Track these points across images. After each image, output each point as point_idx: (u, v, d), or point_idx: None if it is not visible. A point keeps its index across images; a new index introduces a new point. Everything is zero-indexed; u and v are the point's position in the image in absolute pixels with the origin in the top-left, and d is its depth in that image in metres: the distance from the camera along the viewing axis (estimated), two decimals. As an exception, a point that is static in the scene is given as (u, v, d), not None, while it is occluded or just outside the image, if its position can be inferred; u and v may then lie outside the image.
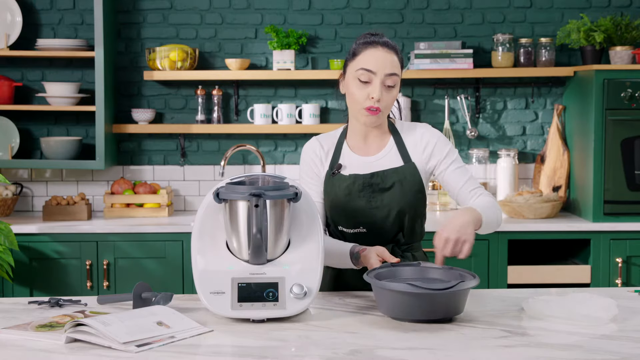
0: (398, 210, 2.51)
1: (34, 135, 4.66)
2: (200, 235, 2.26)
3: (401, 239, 2.56)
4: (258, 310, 2.14)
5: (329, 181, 2.57)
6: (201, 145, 4.68)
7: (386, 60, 2.46)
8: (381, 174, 2.53)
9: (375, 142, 2.59)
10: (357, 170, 2.55)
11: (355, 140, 2.59)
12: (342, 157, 2.59)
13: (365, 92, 2.46)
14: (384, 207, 2.52)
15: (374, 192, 2.52)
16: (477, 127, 4.66)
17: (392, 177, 2.52)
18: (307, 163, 2.62)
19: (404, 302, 2.11)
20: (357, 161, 2.57)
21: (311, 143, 2.63)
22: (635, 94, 4.10)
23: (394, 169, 2.53)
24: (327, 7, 4.63)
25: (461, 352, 1.90)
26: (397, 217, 2.52)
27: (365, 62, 2.46)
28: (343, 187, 2.53)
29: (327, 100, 4.66)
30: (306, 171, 2.62)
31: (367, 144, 2.59)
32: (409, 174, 2.53)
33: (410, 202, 2.51)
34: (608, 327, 2.10)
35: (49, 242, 4.12)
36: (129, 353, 1.90)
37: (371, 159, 2.57)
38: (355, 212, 2.52)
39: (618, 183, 4.14)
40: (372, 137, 2.58)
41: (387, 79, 2.46)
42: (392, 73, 2.46)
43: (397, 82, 2.49)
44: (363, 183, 2.52)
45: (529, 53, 4.50)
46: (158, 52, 4.47)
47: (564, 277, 4.11)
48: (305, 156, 2.63)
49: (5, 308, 2.33)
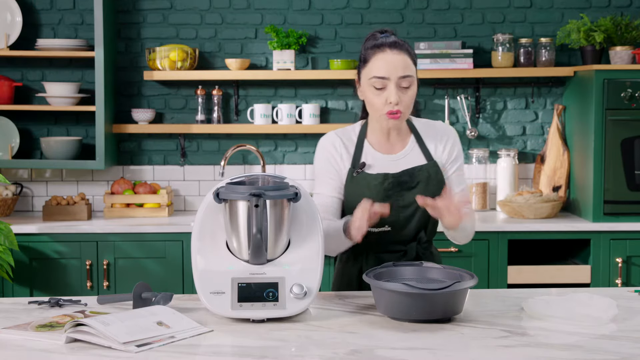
0: (424, 209, 2.49)
1: (34, 135, 4.66)
2: (200, 235, 2.26)
3: (423, 237, 2.55)
4: (258, 310, 2.14)
5: (352, 179, 2.55)
6: (201, 145, 4.68)
7: (397, 63, 2.45)
8: (409, 172, 2.52)
9: (398, 139, 2.58)
10: (383, 169, 2.53)
11: (377, 137, 2.58)
12: (364, 155, 2.56)
13: (383, 98, 2.45)
14: (411, 206, 2.51)
15: (402, 190, 2.51)
16: (477, 127, 4.66)
17: (419, 175, 2.52)
18: (325, 158, 2.58)
19: (400, 302, 2.12)
20: (381, 159, 2.55)
21: (330, 137, 2.59)
22: (635, 94, 4.10)
23: (420, 167, 2.53)
24: (327, 7, 4.63)
25: (461, 352, 1.90)
26: (422, 215, 2.52)
27: (376, 69, 2.45)
28: (371, 185, 2.51)
29: (327, 100, 4.66)
30: (324, 166, 2.58)
31: (390, 142, 2.58)
32: (433, 171, 2.54)
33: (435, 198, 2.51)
34: (608, 327, 2.10)
35: (49, 242, 4.12)
36: (129, 353, 1.90)
37: (395, 157, 2.56)
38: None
39: (618, 183, 4.14)
40: (394, 134, 2.58)
41: (402, 81, 2.45)
42: (405, 75, 2.45)
43: (413, 81, 2.48)
44: (393, 182, 2.51)
45: (529, 53, 4.50)
46: (158, 52, 4.47)
47: (564, 277, 4.11)
48: (324, 150, 2.59)
49: (5, 308, 2.33)
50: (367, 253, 2.57)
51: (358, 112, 4.59)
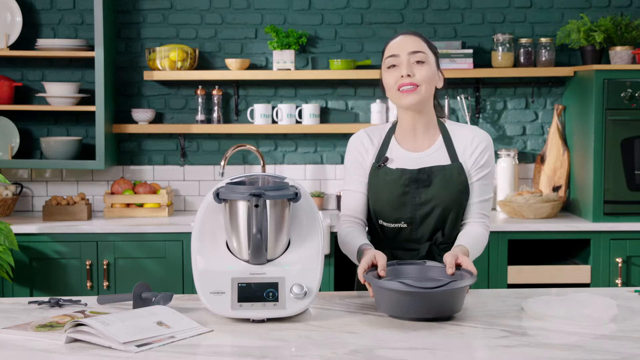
0: (443, 208, 2.49)
1: (34, 135, 4.66)
2: (200, 235, 2.26)
3: (439, 237, 2.53)
4: (258, 310, 2.14)
5: (374, 173, 2.56)
6: (201, 145, 4.68)
7: (408, 41, 2.50)
8: (428, 170, 2.51)
9: (425, 138, 2.57)
10: (404, 165, 2.53)
11: (404, 135, 2.59)
12: (389, 151, 2.57)
13: (396, 75, 2.49)
14: (428, 204, 2.50)
15: (419, 187, 2.51)
16: (477, 127, 4.65)
17: (439, 174, 2.51)
18: (352, 153, 2.62)
19: (398, 300, 2.12)
20: (404, 156, 2.56)
21: (359, 134, 2.64)
22: (635, 94, 4.10)
23: (441, 167, 2.52)
24: (327, 7, 4.63)
25: (461, 352, 1.90)
26: (440, 215, 2.51)
27: (390, 50, 2.52)
28: (389, 180, 2.52)
29: (327, 100, 4.65)
30: (351, 161, 2.61)
31: (416, 140, 2.57)
32: (455, 172, 2.52)
33: (455, 201, 2.49)
34: (608, 327, 2.10)
35: (49, 242, 4.12)
36: (129, 353, 1.89)
37: (419, 155, 2.55)
38: (398, 206, 2.50)
39: (618, 183, 4.14)
40: (421, 132, 2.57)
41: (413, 56, 2.48)
42: (415, 50, 2.49)
43: (427, 59, 2.50)
44: (410, 178, 2.51)
45: (529, 53, 4.50)
46: (158, 52, 4.47)
47: (564, 277, 4.11)
48: (351, 146, 2.63)
49: (5, 308, 2.33)
50: (383, 249, 2.56)
51: (358, 112, 4.60)
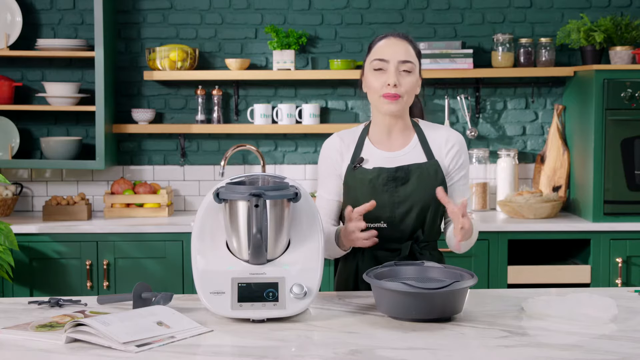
0: (422, 206, 2.51)
1: (34, 135, 4.66)
2: (200, 235, 2.26)
3: (420, 235, 2.55)
4: (258, 310, 2.14)
5: (350, 174, 2.57)
6: (201, 145, 4.68)
7: (398, 47, 2.51)
8: (405, 169, 2.53)
9: (399, 138, 2.59)
10: (380, 164, 2.55)
11: (379, 135, 2.60)
12: (364, 152, 2.59)
13: (382, 80, 2.50)
14: (406, 202, 2.52)
15: (397, 185, 2.52)
16: (477, 127, 4.66)
17: (416, 172, 2.53)
18: (325, 159, 2.63)
19: (400, 301, 2.12)
20: (379, 156, 2.57)
21: (331, 139, 2.65)
22: (635, 94, 4.10)
23: (418, 165, 2.54)
24: (327, 7, 4.63)
25: (461, 352, 1.90)
26: (419, 213, 2.53)
27: (378, 52, 2.52)
28: (366, 180, 2.54)
29: (327, 100, 4.65)
30: (325, 167, 2.63)
31: (391, 140, 2.59)
32: (432, 170, 2.54)
33: (433, 198, 2.50)
34: (608, 327, 2.10)
35: (49, 242, 4.12)
36: (129, 353, 1.89)
37: (395, 154, 2.57)
38: (377, 206, 2.51)
39: (618, 183, 4.14)
40: (396, 132, 2.59)
41: (402, 66, 2.50)
42: (405, 60, 2.50)
43: (414, 69, 2.51)
44: (387, 177, 2.52)
45: (529, 53, 4.50)
46: (158, 52, 4.47)
47: (564, 277, 4.11)
48: (325, 152, 2.64)
49: (5, 308, 2.33)
50: (363, 251, 2.58)
51: (358, 112, 4.60)
